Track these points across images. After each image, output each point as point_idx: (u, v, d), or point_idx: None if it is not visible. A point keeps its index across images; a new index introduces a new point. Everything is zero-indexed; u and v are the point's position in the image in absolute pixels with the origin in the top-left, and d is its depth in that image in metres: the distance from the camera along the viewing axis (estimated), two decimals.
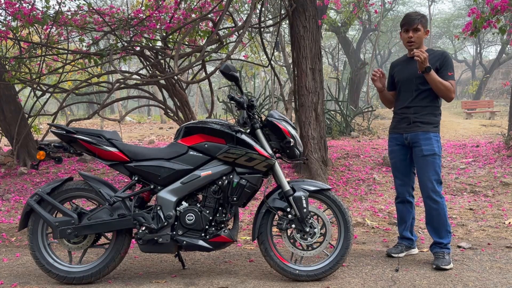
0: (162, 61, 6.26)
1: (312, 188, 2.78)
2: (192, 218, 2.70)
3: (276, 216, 2.81)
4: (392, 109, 3.32)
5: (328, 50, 25.46)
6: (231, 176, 2.71)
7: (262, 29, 6.70)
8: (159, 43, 6.70)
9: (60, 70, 6.31)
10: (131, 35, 5.89)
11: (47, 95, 6.82)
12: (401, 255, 3.22)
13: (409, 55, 3.21)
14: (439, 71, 3.04)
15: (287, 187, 2.75)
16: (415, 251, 3.32)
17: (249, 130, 2.80)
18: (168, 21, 5.73)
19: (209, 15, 5.75)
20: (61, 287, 2.75)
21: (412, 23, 3.04)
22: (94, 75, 6.70)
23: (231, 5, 7.46)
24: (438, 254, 3.02)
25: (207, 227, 2.71)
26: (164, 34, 6.00)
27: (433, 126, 3.09)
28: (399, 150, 3.22)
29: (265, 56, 7.10)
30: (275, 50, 8.12)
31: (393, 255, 3.20)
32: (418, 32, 3.06)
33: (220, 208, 2.73)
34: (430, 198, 3.04)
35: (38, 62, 6.44)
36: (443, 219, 3.04)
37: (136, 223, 2.70)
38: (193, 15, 6.04)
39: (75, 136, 2.74)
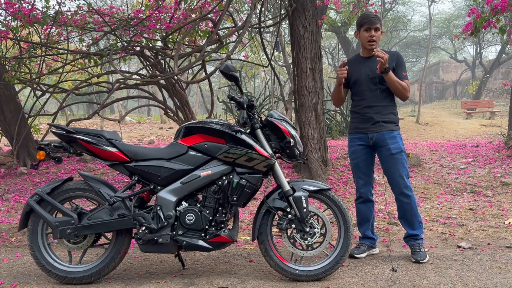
0: (162, 61, 6.26)
1: (312, 188, 2.78)
2: (192, 218, 2.70)
3: (276, 216, 2.81)
4: (338, 108, 3.36)
5: (328, 50, 25.43)
6: (231, 176, 2.71)
7: (262, 29, 6.70)
8: (159, 43, 6.70)
9: (60, 70, 6.31)
10: (131, 35, 5.89)
11: (47, 95, 6.82)
12: (363, 255, 3.23)
13: (363, 55, 3.24)
14: (394, 70, 3.12)
15: (287, 187, 2.74)
16: (375, 250, 3.33)
17: (249, 130, 2.79)
18: (168, 21, 5.73)
19: (209, 15, 5.75)
20: (61, 287, 2.75)
21: (373, 22, 3.10)
22: (94, 75, 6.70)
23: (231, 5, 7.46)
24: (414, 247, 3.15)
25: (207, 227, 2.71)
26: (164, 34, 6.00)
27: (395, 125, 3.19)
28: (362, 150, 3.23)
29: (265, 56, 7.10)
30: (275, 50, 8.11)
31: (355, 255, 3.20)
32: (378, 32, 3.13)
33: (220, 208, 2.73)
34: (403, 194, 3.15)
35: (38, 62, 6.44)
36: (415, 211, 3.18)
37: (136, 223, 2.70)
38: (193, 15, 6.04)
39: (75, 136, 2.74)
